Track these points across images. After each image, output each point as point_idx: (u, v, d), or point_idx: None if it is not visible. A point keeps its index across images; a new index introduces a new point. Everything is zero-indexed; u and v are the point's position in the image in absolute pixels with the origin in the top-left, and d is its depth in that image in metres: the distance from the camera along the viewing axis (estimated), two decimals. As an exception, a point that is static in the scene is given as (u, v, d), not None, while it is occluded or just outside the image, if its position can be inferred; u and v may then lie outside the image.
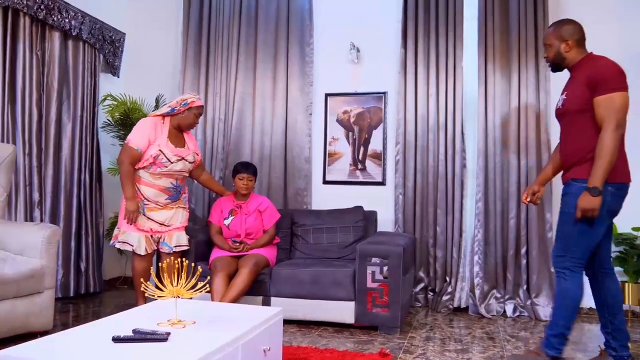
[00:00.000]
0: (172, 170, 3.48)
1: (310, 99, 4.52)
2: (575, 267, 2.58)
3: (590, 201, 2.45)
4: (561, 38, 2.67)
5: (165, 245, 3.53)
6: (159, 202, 3.49)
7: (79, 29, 4.14)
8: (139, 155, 3.38)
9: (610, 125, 2.44)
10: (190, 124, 3.59)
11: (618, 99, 2.45)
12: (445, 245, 4.12)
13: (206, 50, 4.70)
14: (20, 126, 3.70)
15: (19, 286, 2.88)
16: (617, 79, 2.48)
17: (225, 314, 2.34)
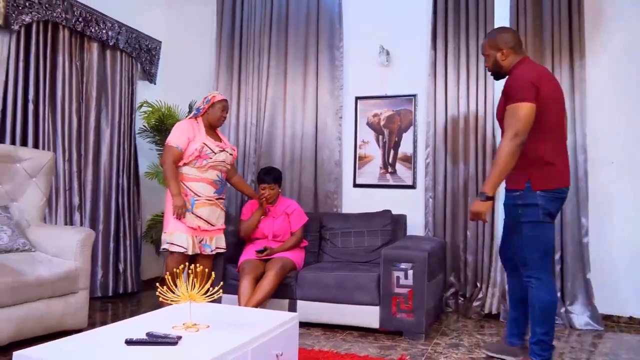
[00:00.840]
0: (217, 161, 3.57)
1: (340, 102, 4.53)
2: (539, 273, 2.63)
3: (477, 205, 2.60)
4: (497, 47, 2.75)
5: (207, 246, 3.60)
6: (209, 196, 3.55)
7: (116, 39, 4.31)
8: (179, 153, 3.48)
9: (508, 134, 2.52)
10: (218, 118, 3.67)
11: (519, 109, 2.51)
12: (476, 249, 4.04)
13: (238, 56, 4.79)
14: (60, 134, 3.88)
15: (54, 287, 3.02)
16: (524, 90, 2.52)
17: (240, 319, 2.39)
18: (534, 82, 2.54)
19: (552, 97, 2.63)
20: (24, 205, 3.40)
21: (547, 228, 2.64)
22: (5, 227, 3.13)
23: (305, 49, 4.60)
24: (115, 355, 1.81)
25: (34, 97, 3.67)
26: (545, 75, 2.67)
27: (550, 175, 2.60)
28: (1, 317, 2.75)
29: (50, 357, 1.77)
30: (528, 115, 2.51)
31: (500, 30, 2.82)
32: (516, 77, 2.61)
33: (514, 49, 2.73)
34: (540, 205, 2.58)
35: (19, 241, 3.15)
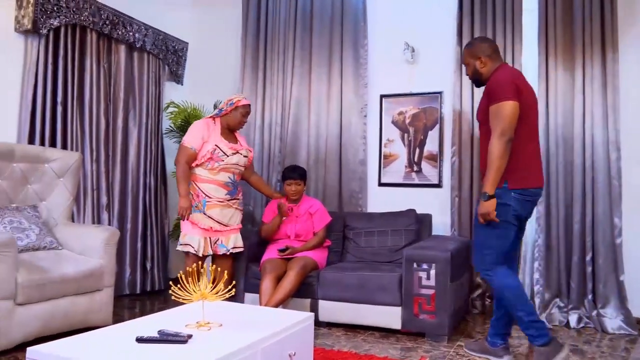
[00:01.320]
0: (229, 164, 3.57)
1: (365, 100, 4.49)
2: (496, 267, 2.73)
3: (483, 206, 2.66)
4: (475, 56, 2.87)
5: (222, 247, 3.61)
6: (220, 198, 3.55)
7: (142, 41, 4.38)
8: (194, 154, 3.50)
9: (496, 133, 2.60)
10: (238, 122, 3.68)
11: (503, 108, 2.60)
12: (504, 250, 3.93)
13: (263, 56, 4.80)
14: (88, 134, 3.97)
15: (79, 284, 3.09)
16: (505, 89, 2.62)
17: (254, 318, 2.39)
18: (515, 83, 2.64)
19: (529, 100, 2.72)
20: (52, 204, 3.49)
21: (510, 229, 2.73)
22: (33, 226, 3.22)
23: (329, 48, 4.58)
24: (124, 352, 1.83)
25: (63, 100, 3.77)
26: (523, 79, 2.79)
27: (525, 175, 2.70)
28: (27, 313, 2.84)
29: (62, 353, 1.80)
30: (512, 113, 2.60)
31: (478, 40, 2.96)
32: (498, 78, 2.70)
33: (491, 57, 2.84)
34: (512, 206, 2.68)
35: (46, 239, 3.24)
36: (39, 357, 1.81)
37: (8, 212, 3.17)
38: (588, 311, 3.67)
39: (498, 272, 2.72)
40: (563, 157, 3.78)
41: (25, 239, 3.13)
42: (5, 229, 3.06)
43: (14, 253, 2.77)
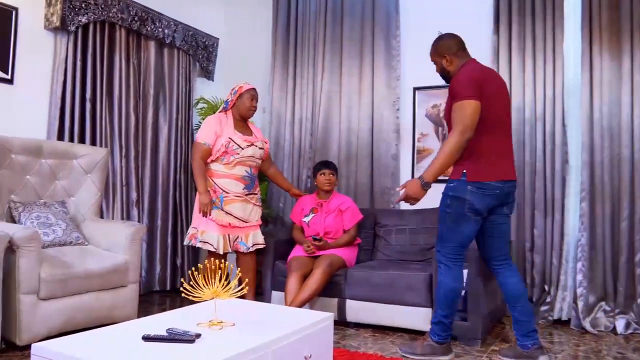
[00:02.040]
0: (245, 156, 3.50)
1: (398, 93, 4.34)
2: (449, 262, 2.77)
3: (414, 188, 2.68)
4: (441, 55, 2.88)
5: (242, 244, 3.55)
6: (238, 193, 3.49)
7: (172, 37, 4.37)
8: (208, 149, 3.46)
9: (456, 129, 2.60)
10: (248, 108, 3.59)
11: (464, 107, 2.59)
12: (544, 249, 3.71)
13: (294, 50, 4.72)
14: (117, 131, 3.97)
15: (103, 280, 3.08)
16: (467, 88, 2.62)
17: (270, 317, 2.29)
18: (477, 81, 2.64)
19: (495, 95, 2.72)
20: (80, 200, 3.51)
21: (469, 223, 2.72)
22: (60, 222, 3.23)
23: (361, 40, 4.45)
24: (129, 351, 1.77)
25: (92, 96, 3.78)
26: (489, 74, 2.80)
27: (483, 168, 2.67)
28: (51, 308, 2.84)
29: (66, 350, 1.76)
30: (474, 113, 2.59)
31: (442, 38, 2.94)
32: (460, 77, 2.70)
33: (457, 54, 2.84)
34: (467, 200, 2.66)
35: (72, 235, 3.25)
36: (44, 354, 1.77)
37: (36, 208, 3.20)
38: (637, 316, 3.42)
39: (451, 273, 2.75)
40: (609, 150, 3.53)
41: (51, 234, 3.14)
42: (32, 224, 3.09)
43: (37, 248, 2.78)
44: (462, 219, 2.71)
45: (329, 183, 3.74)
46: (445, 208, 2.77)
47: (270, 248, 3.77)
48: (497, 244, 2.85)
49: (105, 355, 1.71)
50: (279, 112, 4.76)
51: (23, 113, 3.48)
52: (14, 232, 2.71)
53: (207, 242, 3.47)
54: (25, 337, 2.73)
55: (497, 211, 2.77)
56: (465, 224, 2.72)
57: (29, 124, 3.50)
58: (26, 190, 3.27)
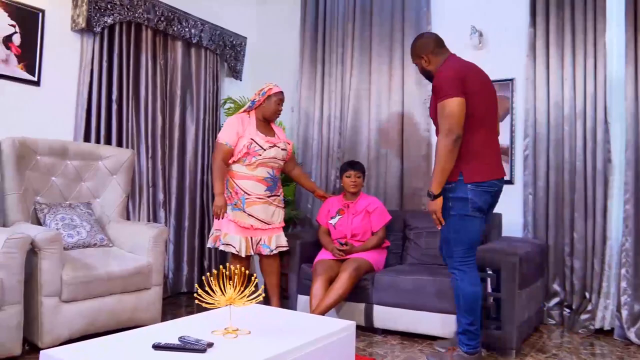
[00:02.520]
0: (267, 158, 3.44)
1: (429, 91, 4.12)
2: (463, 265, 2.66)
3: (429, 204, 2.67)
4: (418, 56, 2.85)
5: (265, 247, 3.49)
6: (260, 195, 3.43)
7: (199, 36, 4.33)
8: (229, 150, 3.40)
9: (442, 131, 2.56)
10: (273, 111, 3.53)
11: (447, 105, 2.53)
12: (585, 254, 3.50)
13: (322, 49, 4.62)
14: (144, 132, 3.96)
15: (125, 282, 3.05)
16: (448, 86, 2.55)
17: (288, 325, 2.20)
18: (459, 77, 2.58)
19: (479, 90, 2.66)
20: (105, 201, 3.50)
21: (475, 222, 2.67)
22: (85, 223, 3.23)
23: (390, 36, 4.31)
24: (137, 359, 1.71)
25: (118, 97, 3.77)
26: (471, 69, 2.74)
27: (480, 168, 2.64)
28: (73, 311, 2.82)
29: (74, 357, 1.71)
30: (458, 110, 2.53)
31: (418, 38, 2.93)
32: (440, 75, 2.65)
33: (434, 52, 2.80)
34: (469, 199, 2.61)
35: (97, 237, 3.23)
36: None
37: (61, 209, 3.20)
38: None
39: (466, 277, 2.66)
40: (657, 148, 3.30)
41: (75, 236, 3.13)
42: (57, 225, 3.08)
43: (59, 250, 2.77)
44: (467, 219, 2.65)
45: (354, 185, 3.62)
46: (448, 211, 2.67)
47: (296, 250, 3.68)
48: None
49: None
50: (307, 111, 4.67)
51: (50, 115, 3.49)
52: (35, 234, 2.70)
53: (229, 244, 3.43)
54: (47, 340, 2.72)
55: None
56: (471, 223, 2.66)
57: (55, 125, 3.51)
58: (52, 192, 3.28)
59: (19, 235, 2.59)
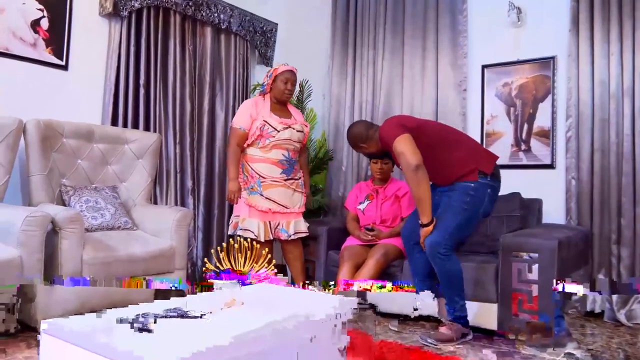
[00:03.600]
0: (281, 139, 3.40)
1: (464, 72, 3.98)
2: (449, 251, 2.73)
3: (422, 231, 2.79)
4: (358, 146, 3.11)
5: (283, 231, 3.42)
6: (275, 178, 3.39)
7: (228, 22, 4.28)
8: (243, 134, 3.39)
9: (403, 168, 2.73)
10: (282, 92, 3.47)
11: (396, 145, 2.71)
12: (634, 242, 3.24)
13: (353, 32, 4.49)
14: (172, 117, 3.93)
15: (147, 264, 3.01)
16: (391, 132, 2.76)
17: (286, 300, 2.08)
18: (398, 124, 2.77)
19: (421, 122, 2.94)
20: (131, 185, 3.48)
21: (475, 225, 2.89)
22: (109, 206, 3.21)
23: (423, 17, 4.14)
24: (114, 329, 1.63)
25: (145, 82, 3.75)
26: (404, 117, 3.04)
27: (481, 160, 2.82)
28: (93, 290, 2.79)
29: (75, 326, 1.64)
30: (407, 145, 2.68)
31: (348, 131, 3.15)
32: (382, 135, 2.87)
33: (368, 136, 3.03)
34: (485, 204, 2.80)
35: (121, 219, 3.21)
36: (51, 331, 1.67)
37: (86, 192, 3.19)
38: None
39: (453, 257, 2.74)
40: None
41: (99, 218, 3.12)
42: (81, 207, 3.08)
43: (80, 230, 2.74)
44: (474, 220, 2.81)
45: (380, 172, 3.47)
46: (463, 205, 2.76)
47: (323, 237, 3.57)
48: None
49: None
50: (339, 97, 4.55)
51: (77, 99, 3.50)
52: (56, 212, 2.69)
53: (247, 229, 3.38)
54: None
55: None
56: (474, 225, 2.86)
57: (83, 109, 3.51)
58: (77, 175, 3.28)
59: (39, 214, 2.58)
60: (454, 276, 2.76)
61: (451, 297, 2.80)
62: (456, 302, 2.79)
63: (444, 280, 2.78)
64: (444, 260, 2.72)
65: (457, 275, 2.77)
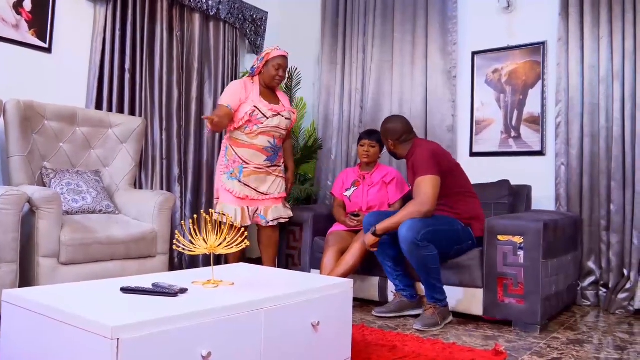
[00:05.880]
0: (269, 127, 3.29)
1: (454, 59, 3.94)
2: (424, 242, 2.69)
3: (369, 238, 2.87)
4: (385, 138, 3.07)
5: (262, 217, 3.37)
6: (259, 165, 3.32)
7: (217, 8, 4.23)
8: (229, 112, 3.23)
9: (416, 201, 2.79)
10: (272, 78, 3.34)
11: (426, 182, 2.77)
12: (623, 228, 3.19)
13: (343, 20, 4.46)
14: (158, 103, 3.87)
15: (128, 248, 2.96)
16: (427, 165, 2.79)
17: (280, 280, 2.04)
18: (434, 162, 2.79)
19: (454, 165, 2.99)
20: (115, 170, 3.43)
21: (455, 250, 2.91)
22: (91, 190, 3.16)
23: (414, 3, 4.10)
24: (99, 300, 1.59)
25: (131, 67, 3.70)
26: (439, 149, 2.96)
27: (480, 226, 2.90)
28: (72, 273, 2.73)
29: (37, 298, 1.59)
30: (431, 188, 2.73)
31: (387, 122, 3.09)
32: (417, 155, 2.85)
33: (400, 140, 3.01)
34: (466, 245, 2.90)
35: (103, 203, 3.16)
36: (15, 302, 1.63)
37: (68, 175, 3.14)
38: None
39: (428, 247, 2.70)
40: None
41: (80, 201, 3.07)
42: (62, 190, 3.03)
43: (57, 210, 2.69)
44: (454, 246, 2.86)
45: (366, 155, 3.41)
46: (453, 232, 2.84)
47: (309, 223, 3.52)
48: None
49: (73, 303, 1.53)
50: (328, 85, 4.51)
51: (61, 82, 3.45)
52: (32, 192, 2.64)
53: (225, 214, 3.28)
54: (44, 301, 2.65)
55: None
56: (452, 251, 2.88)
57: (67, 93, 3.46)
58: (59, 158, 3.23)
59: (15, 192, 2.52)
60: (431, 262, 2.72)
61: (429, 281, 2.77)
62: (433, 284, 2.78)
63: (421, 268, 2.73)
64: (422, 248, 2.67)
65: (435, 260, 2.73)
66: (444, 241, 2.78)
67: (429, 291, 2.80)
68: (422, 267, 2.73)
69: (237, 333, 1.57)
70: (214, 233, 1.90)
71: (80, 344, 1.35)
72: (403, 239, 2.70)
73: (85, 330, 1.33)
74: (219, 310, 1.52)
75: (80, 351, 1.36)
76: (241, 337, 1.58)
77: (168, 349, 1.38)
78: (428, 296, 2.81)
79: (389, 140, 3.04)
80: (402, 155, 3.05)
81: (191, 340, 1.43)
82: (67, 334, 1.40)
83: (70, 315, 1.39)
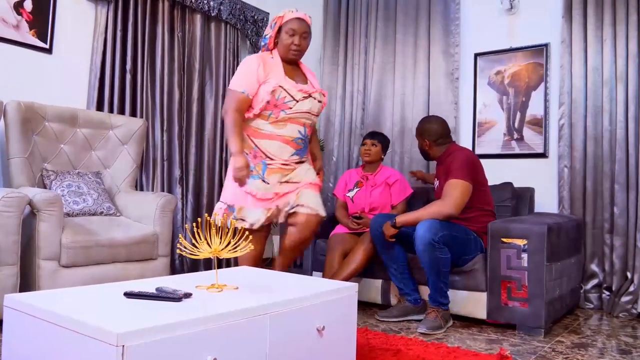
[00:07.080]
0: (300, 112, 2.60)
1: (457, 61, 3.93)
2: (440, 243, 2.68)
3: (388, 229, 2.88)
4: (421, 136, 3.05)
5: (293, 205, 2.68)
6: (285, 161, 2.63)
7: (218, 9, 4.22)
8: (246, 99, 2.56)
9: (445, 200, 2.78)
10: (286, 48, 2.65)
11: (460, 186, 2.77)
12: (626, 231, 3.18)
13: (345, 22, 4.45)
14: (159, 104, 3.85)
15: (129, 250, 2.94)
16: (464, 170, 2.78)
17: (285, 284, 2.02)
18: (470, 171, 2.78)
19: (485, 181, 2.95)
20: (115, 172, 3.41)
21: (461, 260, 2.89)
22: (92, 191, 3.14)
23: (416, 4, 4.09)
24: (101, 305, 1.57)
25: (132, 68, 3.68)
26: (478, 160, 2.93)
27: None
28: (74, 276, 2.72)
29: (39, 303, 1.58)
30: (463, 193, 2.74)
31: (426, 121, 3.09)
32: (457, 158, 2.83)
33: (437, 143, 3.00)
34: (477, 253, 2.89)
35: (104, 205, 3.14)
36: (17, 306, 1.60)
37: (68, 177, 3.12)
38: None
39: (445, 249, 2.69)
40: None
41: (81, 203, 3.05)
42: (62, 191, 3.01)
43: (58, 212, 2.68)
44: (463, 255, 2.84)
45: (367, 154, 3.40)
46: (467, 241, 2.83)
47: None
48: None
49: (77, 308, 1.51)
50: (330, 86, 4.50)
51: (62, 83, 3.43)
52: (34, 194, 2.62)
53: (244, 219, 2.64)
54: (45, 304, 2.63)
55: None
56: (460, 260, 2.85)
57: (68, 94, 3.44)
58: (60, 159, 3.21)
59: (16, 194, 2.51)
60: (443, 264, 2.70)
61: (437, 285, 2.75)
62: (440, 289, 2.76)
63: (433, 269, 2.71)
64: (437, 250, 2.66)
65: (446, 262, 2.71)
66: (456, 248, 2.76)
67: (435, 294, 2.78)
68: (434, 268, 2.71)
69: (243, 338, 1.55)
70: (218, 236, 1.88)
71: (85, 351, 1.33)
72: (420, 238, 2.68)
73: (89, 337, 1.31)
74: (225, 315, 1.50)
75: (84, 358, 1.34)
76: (247, 342, 1.56)
77: (174, 355, 1.36)
78: (431, 299, 2.80)
79: (425, 140, 3.02)
80: (434, 156, 3.04)
81: (197, 346, 1.41)
82: (70, 340, 1.38)
83: (74, 321, 1.37)
